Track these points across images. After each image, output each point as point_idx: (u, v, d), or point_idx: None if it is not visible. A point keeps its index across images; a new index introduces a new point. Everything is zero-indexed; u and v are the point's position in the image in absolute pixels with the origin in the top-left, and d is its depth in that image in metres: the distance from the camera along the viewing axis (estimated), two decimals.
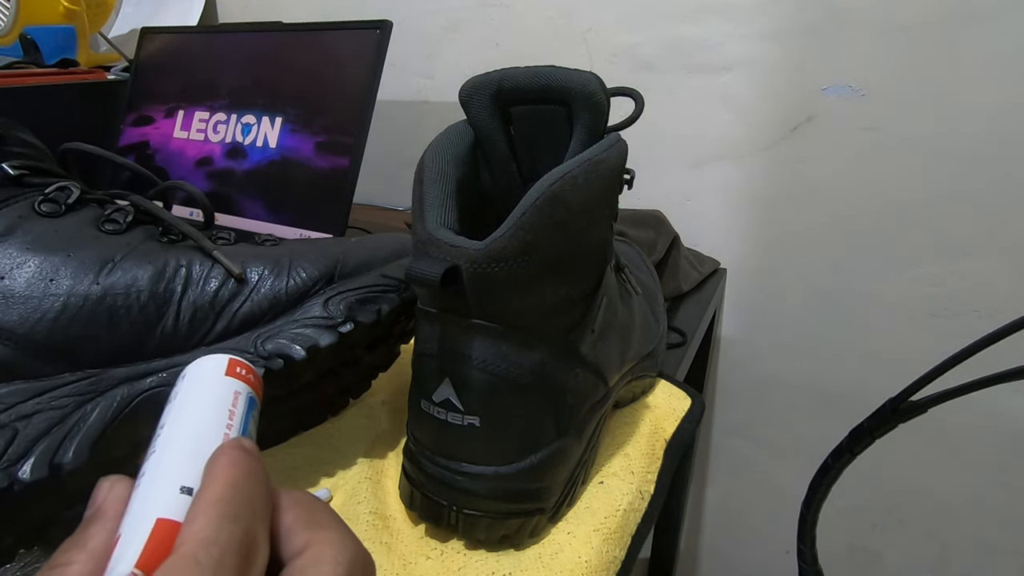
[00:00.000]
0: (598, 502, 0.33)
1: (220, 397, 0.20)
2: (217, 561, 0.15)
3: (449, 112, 0.82)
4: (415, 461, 0.30)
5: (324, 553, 0.16)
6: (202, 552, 0.15)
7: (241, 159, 0.62)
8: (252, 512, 0.16)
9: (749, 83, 0.65)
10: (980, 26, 0.55)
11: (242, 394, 0.21)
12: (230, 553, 0.15)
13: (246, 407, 0.20)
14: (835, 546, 0.76)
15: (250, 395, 0.21)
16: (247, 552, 0.15)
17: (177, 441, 0.18)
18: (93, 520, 0.17)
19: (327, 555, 0.16)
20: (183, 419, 0.19)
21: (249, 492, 0.16)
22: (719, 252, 0.71)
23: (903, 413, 0.33)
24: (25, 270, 0.27)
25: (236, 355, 0.28)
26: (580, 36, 0.72)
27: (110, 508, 0.17)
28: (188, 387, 0.20)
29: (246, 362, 0.22)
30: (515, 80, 0.31)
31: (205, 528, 0.15)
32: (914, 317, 0.64)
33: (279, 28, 0.64)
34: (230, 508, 0.16)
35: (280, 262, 0.32)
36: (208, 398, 0.20)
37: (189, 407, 0.19)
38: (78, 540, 0.16)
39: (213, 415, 0.19)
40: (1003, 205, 0.58)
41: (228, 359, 0.21)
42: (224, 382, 0.20)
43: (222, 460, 0.17)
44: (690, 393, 0.43)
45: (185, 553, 0.15)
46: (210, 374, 0.21)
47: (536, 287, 0.27)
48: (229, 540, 0.15)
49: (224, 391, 0.20)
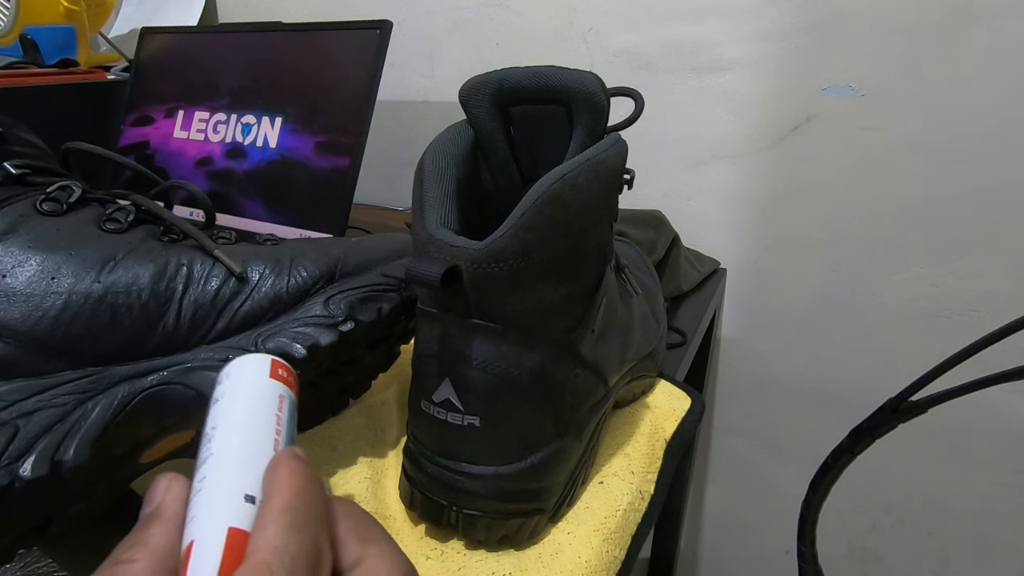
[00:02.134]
0: (598, 502, 0.33)
1: (268, 401, 0.20)
2: (288, 570, 0.15)
3: (449, 112, 0.82)
4: (415, 461, 0.30)
5: (377, 568, 0.17)
6: (275, 561, 0.15)
7: (241, 159, 0.62)
8: (317, 521, 0.17)
9: (749, 83, 0.65)
10: (980, 26, 0.55)
11: (286, 398, 0.21)
12: (301, 561, 0.15)
13: (290, 411, 0.21)
14: (835, 546, 0.76)
15: (292, 398, 0.21)
16: (315, 560, 0.16)
17: (233, 447, 0.18)
18: (153, 519, 0.17)
19: (380, 570, 0.17)
20: (234, 423, 0.19)
21: (312, 501, 0.17)
22: (719, 252, 0.71)
23: (903, 413, 0.33)
24: (27, 268, 0.27)
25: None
26: (580, 36, 0.72)
27: (169, 508, 0.17)
28: (234, 389, 0.20)
29: (287, 364, 0.22)
30: (515, 80, 0.31)
31: (276, 537, 0.16)
32: (914, 317, 0.64)
33: (279, 28, 0.64)
34: (298, 517, 0.16)
35: (281, 261, 0.32)
36: (257, 402, 0.20)
37: (239, 410, 0.20)
38: (140, 538, 0.17)
39: (263, 420, 0.20)
40: (1003, 205, 0.58)
41: (271, 360, 0.22)
42: (269, 385, 0.21)
43: (282, 469, 0.18)
44: (690, 393, 0.43)
45: (259, 562, 0.15)
46: (255, 376, 0.21)
47: (536, 287, 0.27)
48: (299, 549, 0.16)
49: (270, 395, 0.20)
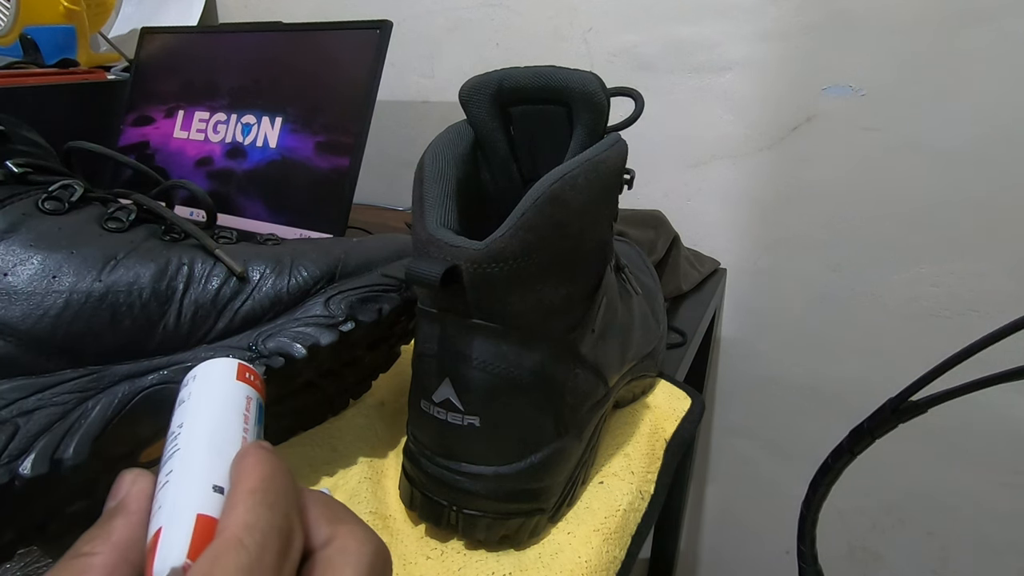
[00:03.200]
0: (598, 502, 0.33)
1: (235, 402, 0.20)
2: (260, 544, 0.15)
3: (449, 112, 0.83)
4: (415, 461, 0.30)
5: (348, 545, 0.17)
6: (246, 535, 0.15)
7: (241, 159, 0.62)
8: (287, 501, 0.17)
9: (749, 83, 0.65)
10: (980, 26, 0.55)
11: (253, 400, 0.21)
12: (272, 536, 0.16)
13: (257, 412, 0.21)
14: (835, 546, 0.76)
15: (259, 400, 0.22)
16: (286, 537, 0.16)
17: (201, 441, 0.18)
18: (117, 512, 0.17)
19: (351, 546, 0.17)
20: (202, 420, 0.19)
21: (281, 484, 0.17)
22: (719, 252, 0.71)
23: (903, 413, 0.33)
24: (28, 267, 0.27)
25: (235, 357, 0.28)
26: (580, 36, 0.72)
27: (133, 502, 0.17)
28: (201, 389, 0.20)
29: (253, 368, 0.22)
30: (515, 80, 0.31)
31: (245, 514, 0.16)
32: (914, 317, 0.64)
33: (279, 28, 0.64)
34: (267, 497, 0.16)
35: (282, 261, 0.32)
36: (224, 402, 0.20)
37: (206, 409, 0.20)
38: (101, 531, 0.16)
39: (231, 419, 0.20)
40: (1003, 205, 0.58)
41: (237, 364, 0.22)
42: (236, 387, 0.21)
43: (249, 459, 0.18)
44: (690, 393, 0.43)
45: (230, 537, 0.15)
46: (222, 378, 0.21)
47: (536, 287, 0.27)
48: (269, 526, 0.16)
49: (237, 396, 0.21)
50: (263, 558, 0.15)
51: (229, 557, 0.15)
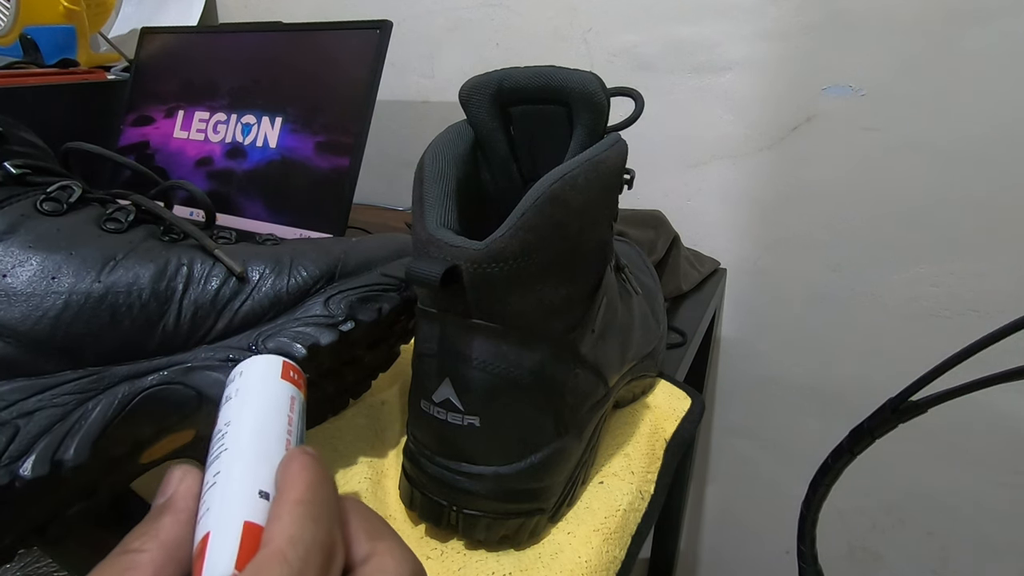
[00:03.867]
0: (598, 502, 0.33)
1: (280, 401, 0.20)
2: (303, 559, 0.15)
3: (449, 112, 0.82)
4: (415, 461, 0.30)
5: (387, 564, 0.17)
6: (290, 549, 0.15)
7: (241, 159, 0.62)
8: (330, 515, 0.17)
9: (749, 83, 0.65)
10: (980, 26, 0.55)
11: (297, 399, 0.21)
12: (315, 551, 0.16)
13: (301, 412, 0.21)
14: (835, 546, 0.76)
15: (302, 401, 0.22)
16: (329, 551, 0.16)
17: (246, 443, 0.19)
18: (165, 511, 0.17)
19: (390, 566, 0.17)
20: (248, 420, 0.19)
21: (325, 496, 0.17)
22: (719, 252, 0.71)
23: (903, 413, 0.33)
24: (27, 268, 0.27)
25: (238, 357, 0.28)
26: (580, 36, 0.72)
27: (181, 500, 0.17)
28: (247, 387, 0.21)
29: (297, 366, 0.22)
30: (515, 80, 0.31)
31: (290, 527, 0.16)
32: (914, 317, 0.64)
33: (279, 28, 0.64)
34: (312, 510, 0.16)
35: (281, 261, 0.32)
36: (269, 402, 0.20)
37: (251, 408, 0.20)
38: (150, 529, 0.17)
39: (276, 419, 0.20)
40: (1003, 205, 0.58)
41: (282, 362, 0.22)
42: (281, 386, 0.21)
43: (295, 465, 0.18)
44: (690, 393, 0.43)
45: (274, 550, 0.15)
46: (267, 376, 0.21)
47: (536, 287, 0.27)
48: (313, 540, 0.16)
49: (282, 395, 0.21)
50: (306, 572, 0.15)
51: (273, 571, 0.15)
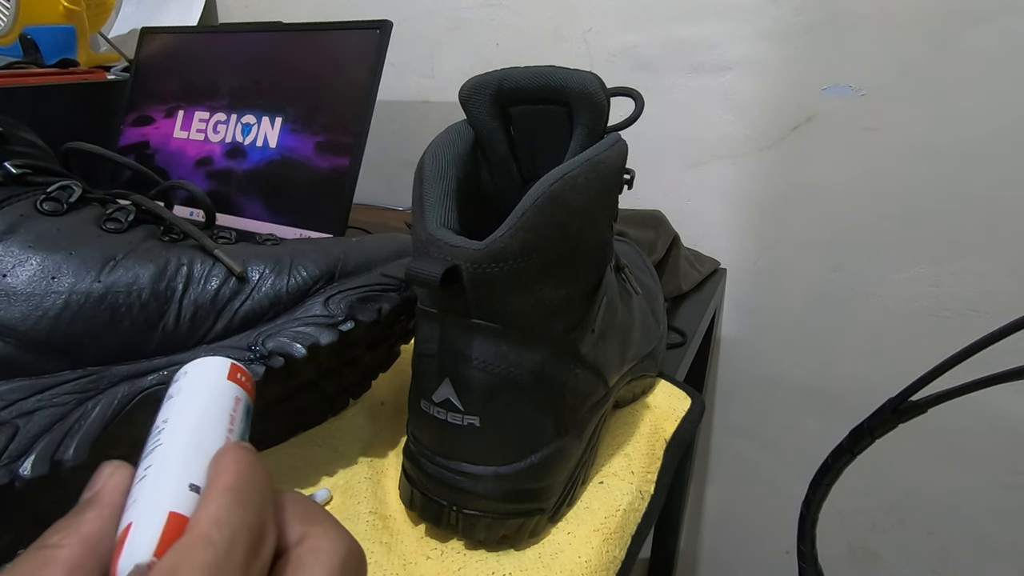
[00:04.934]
0: (598, 502, 0.33)
1: (223, 401, 0.20)
2: (229, 541, 0.15)
3: (449, 112, 0.82)
4: (415, 461, 0.30)
5: (321, 544, 0.17)
6: (215, 532, 0.15)
7: (241, 159, 0.62)
8: (261, 500, 0.17)
9: (749, 83, 0.65)
10: (980, 26, 0.55)
11: (242, 401, 0.21)
12: (242, 534, 0.15)
13: (245, 414, 0.21)
14: (835, 546, 0.76)
15: (248, 402, 0.21)
16: (257, 535, 0.16)
17: (182, 438, 0.18)
18: (89, 505, 0.17)
19: (324, 545, 0.17)
20: (187, 417, 0.19)
21: (257, 483, 0.17)
22: (719, 252, 0.71)
23: (903, 413, 0.33)
24: (27, 268, 0.27)
25: (235, 357, 0.28)
26: (580, 36, 0.72)
27: (108, 496, 0.17)
28: (190, 386, 0.20)
29: (245, 368, 0.22)
30: (515, 80, 0.31)
31: (217, 511, 0.15)
32: (914, 317, 0.64)
33: (279, 28, 0.64)
34: (240, 495, 0.16)
35: (281, 261, 0.32)
36: (211, 400, 0.20)
37: (192, 406, 0.20)
38: (71, 523, 0.16)
39: (216, 418, 0.19)
40: (1003, 205, 0.58)
41: (230, 364, 0.21)
42: (227, 387, 0.21)
43: (228, 457, 0.17)
44: (690, 393, 0.43)
45: (198, 533, 0.15)
46: (213, 376, 0.21)
47: (536, 287, 0.27)
48: (241, 522, 0.15)
49: (226, 396, 0.20)
50: (232, 554, 0.15)
51: (196, 552, 0.14)
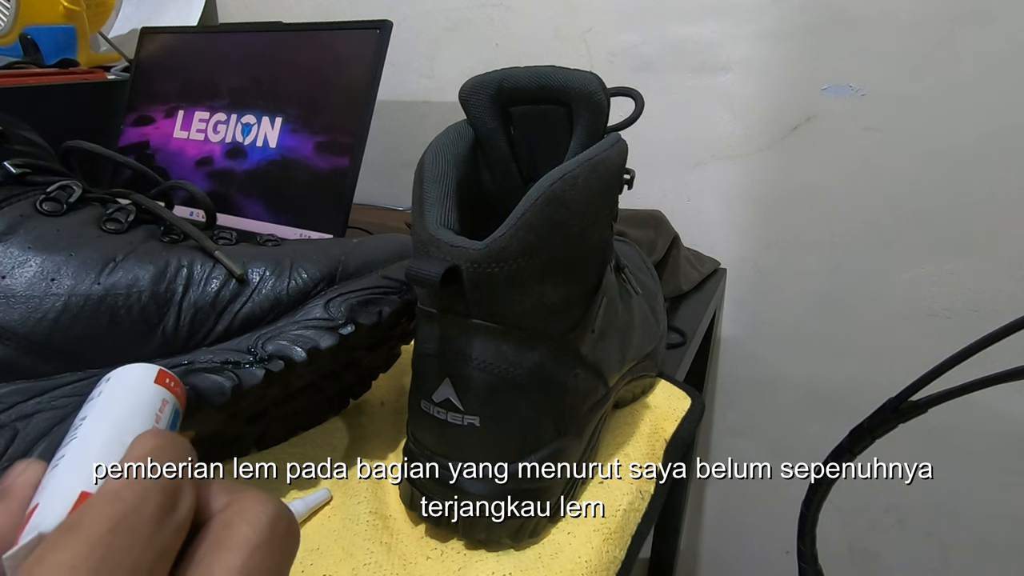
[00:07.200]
0: (598, 502, 0.33)
1: (148, 401, 0.20)
2: (140, 495, 0.14)
3: (449, 112, 0.82)
4: (415, 461, 0.30)
5: (248, 505, 0.16)
6: (125, 489, 0.14)
7: (241, 159, 0.62)
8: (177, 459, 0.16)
9: (749, 83, 0.65)
10: (980, 26, 0.55)
11: (169, 403, 0.21)
12: (154, 491, 0.15)
13: (171, 416, 0.21)
14: (835, 546, 0.76)
15: (176, 407, 0.21)
16: (171, 494, 0.15)
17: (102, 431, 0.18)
18: None
19: (250, 506, 0.16)
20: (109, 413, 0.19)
21: (172, 453, 0.16)
22: (719, 252, 0.71)
23: (903, 413, 0.33)
24: (26, 269, 0.27)
25: (235, 359, 0.28)
26: (580, 36, 0.72)
27: (18, 490, 0.16)
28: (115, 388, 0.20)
29: (175, 375, 0.22)
30: (515, 80, 0.31)
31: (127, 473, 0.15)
32: (914, 317, 0.64)
33: (279, 28, 0.64)
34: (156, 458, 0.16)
35: (282, 263, 0.32)
36: (136, 399, 0.20)
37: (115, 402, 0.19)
38: None
39: (140, 416, 0.19)
40: (1003, 205, 0.58)
41: (159, 369, 0.21)
42: (153, 388, 0.21)
43: (146, 435, 0.17)
44: (690, 393, 0.43)
45: (107, 489, 0.14)
46: (139, 379, 0.21)
47: (536, 287, 0.27)
48: (152, 481, 0.15)
49: (152, 397, 0.20)
50: (142, 509, 0.14)
51: (103, 506, 0.14)
